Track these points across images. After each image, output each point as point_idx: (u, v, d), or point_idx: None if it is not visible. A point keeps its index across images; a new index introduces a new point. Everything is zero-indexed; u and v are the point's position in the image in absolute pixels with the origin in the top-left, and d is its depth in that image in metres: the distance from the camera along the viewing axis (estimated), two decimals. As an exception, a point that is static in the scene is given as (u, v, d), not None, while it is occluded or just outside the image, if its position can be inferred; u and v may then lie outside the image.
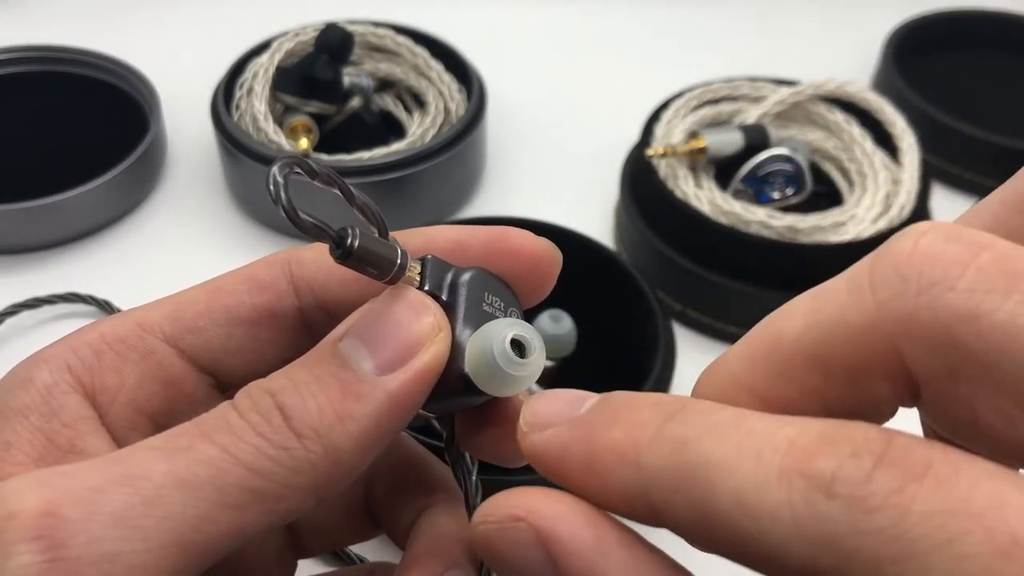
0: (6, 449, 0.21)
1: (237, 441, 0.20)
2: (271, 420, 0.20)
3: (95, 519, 0.18)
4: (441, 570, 0.24)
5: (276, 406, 0.20)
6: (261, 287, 0.25)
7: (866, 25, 0.68)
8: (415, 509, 0.26)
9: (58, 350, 0.23)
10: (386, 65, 0.57)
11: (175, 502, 0.19)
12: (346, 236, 0.20)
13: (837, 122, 0.52)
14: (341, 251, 0.20)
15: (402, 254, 0.21)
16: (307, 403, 0.20)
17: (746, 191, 0.49)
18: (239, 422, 0.20)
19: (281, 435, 0.20)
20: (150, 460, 0.19)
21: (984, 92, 0.63)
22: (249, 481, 0.20)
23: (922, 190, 0.49)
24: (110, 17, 0.68)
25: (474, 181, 0.56)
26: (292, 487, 0.20)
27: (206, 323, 0.24)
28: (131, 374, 0.24)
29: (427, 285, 0.22)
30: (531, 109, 0.62)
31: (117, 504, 0.19)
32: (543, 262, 0.24)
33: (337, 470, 0.20)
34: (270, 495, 0.20)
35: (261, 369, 0.23)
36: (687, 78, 0.56)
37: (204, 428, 0.20)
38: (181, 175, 0.56)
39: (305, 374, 0.21)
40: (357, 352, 0.21)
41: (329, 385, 0.21)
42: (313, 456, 0.20)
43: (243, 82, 0.54)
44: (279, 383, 0.21)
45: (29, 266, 0.50)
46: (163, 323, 0.24)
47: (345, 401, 0.20)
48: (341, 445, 0.20)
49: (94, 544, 0.18)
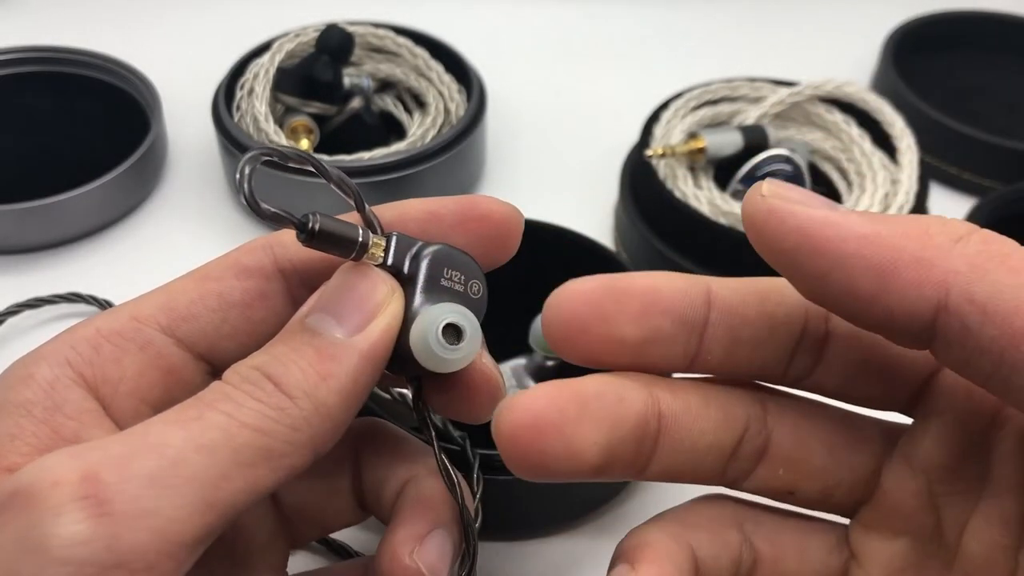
0: (10, 441, 0.22)
1: (239, 407, 0.22)
2: (263, 387, 0.22)
3: (131, 480, 0.20)
4: (426, 528, 0.26)
5: (264, 376, 0.22)
6: (248, 271, 0.26)
7: (865, 25, 0.68)
8: (398, 482, 0.28)
9: (55, 347, 0.24)
10: (386, 66, 0.57)
11: (197, 464, 0.21)
12: (307, 221, 0.22)
13: (836, 123, 0.52)
14: (305, 235, 0.22)
15: (363, 232, 0.23)
16: (291, 369, 0.22)
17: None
18: (235, 392, 0.22)
19: (276, 398, 0.22)
20: (167, 430, 0.21)
21: (984, 92, 0.64)
22: (257, 440, 0.21)
23: (921, 190, 0.49)
24: (111, 18, 0.68)
25: (474, 181, 0.56)
26: (293, 443, 0.22)
27: (200, 310, 0.25)
28: (131, 365, 0.24)
29: (390, 260, 0.24)
30: (531, 109, 0.62)
31: (149, 467, 0.20)
32: (511, 223, 0.27)
33: (328, 424, 0.23)
34: (276, 452, 0.22)
35: (256, 350, 0.24)
36: (686, 78, 0.56)
37: (206, 401, 0.22)
38: (182, 175, 0.56)
39: (282, 347, 0.23)
40: (325, 322, 0.23)
41: (306, 352, 0.23)
42: (306, 412, 0.22)
43: (244, 83, 0.54)
44: (261, 359, 0.23)
45: (30, 266, 0.50)
46: (157, 314, 0.25)
47: (324, 363, 0.23)
48: (328, 401, 0.22)
49: (135, 501, 0.20)
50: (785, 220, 0.21)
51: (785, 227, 0.21)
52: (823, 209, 0.21)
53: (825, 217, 0.20)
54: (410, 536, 0.26)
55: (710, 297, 0.23)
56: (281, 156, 0.22)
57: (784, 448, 0.24)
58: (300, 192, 0.49)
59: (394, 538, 0.26)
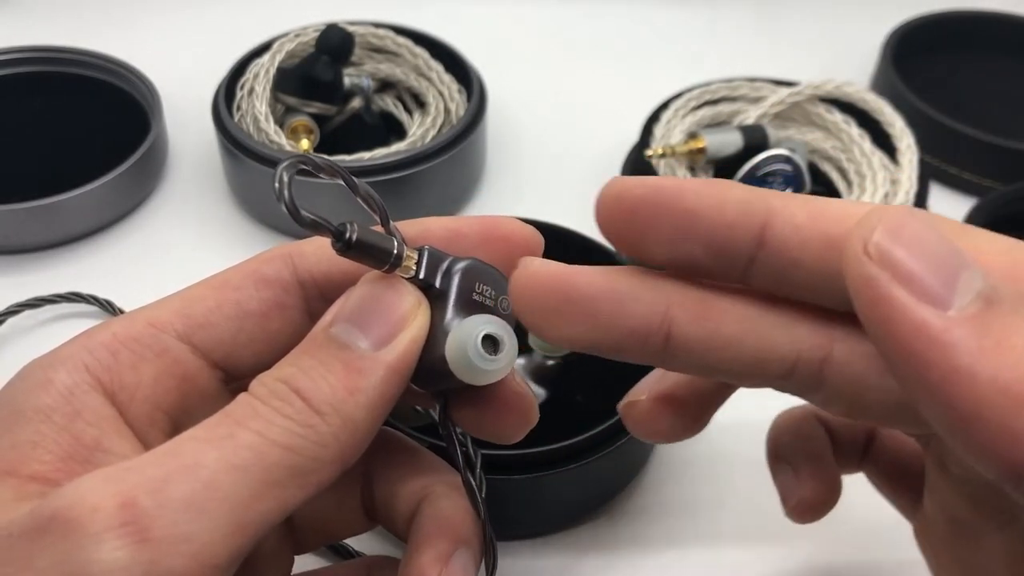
0: (32, 449, 0.22)
1: (269, 425, 0.22)
2: (292, 403, 0.22)
3: (168, 504, 0.20)
4: (451, 549, 0.26)
5: (293, 390, 0.22)
6: (266, 281, 0.26)
7: (865, 25, 0.68)
8: (412, 497, 0.27)
9: (72, 351, 0.24)
10: (386, 66, 0.57)
11: (230, 485, 0.21)
12: (345, 230, 0.22)
13: (836, 122, 0.52)
14: (341, 244, 0.22)
15: (399, 244, 0.23)
16: (319, 384, 0.22)
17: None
18: (264, 408, 0.22)
19: (304, 414, 0.22)
20: (200, 450, 0.21)
21: (983, 93, 0.64)
22: (287, 459, 0.21)
23: (920, 190, 0.49)
24: (111, 17, 0.68)
25: (474, 181, 0.56)
26: (321, 460, 0.22)
27: (217, 318, 0.25)
28: (148, 372, 0.24)
29: (422, 274, 0.24)
30: (531, 109, 0.62)
31: (183, 490, 0.20)
32: (531, 245, 0.26)
33: (356, 439, 0.22)
34: (304, 469, 0.22)
35: (271, 361, 0.24)
36: (687, 78, 0.56)
37: (236, 417, 0.22)
38: (182, 175, 0.56)
39: (309, 360, 0.23)
40: (351, 334, 0.23)
41: (334, 366, 0.23)
42: (335, 428, 0.22)
43: (244, 83, 0.54)
44: (287, 371, 0.23)
45: (30, 266, 0.50)
46: (174, 320, 0.25)
47: (351, 376, 0.22)
48: (356, 416, 0.22)
49: (172, 527, 0.20)
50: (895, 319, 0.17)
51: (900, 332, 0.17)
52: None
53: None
54: (435, 558, 0.26)
55: (764, 233, 0.20)
56: (314, 166, 0.22)
57: None
58: (301, 192, 0.49)
59: (420, 561, 0.26)
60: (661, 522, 0.39)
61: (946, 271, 0.17)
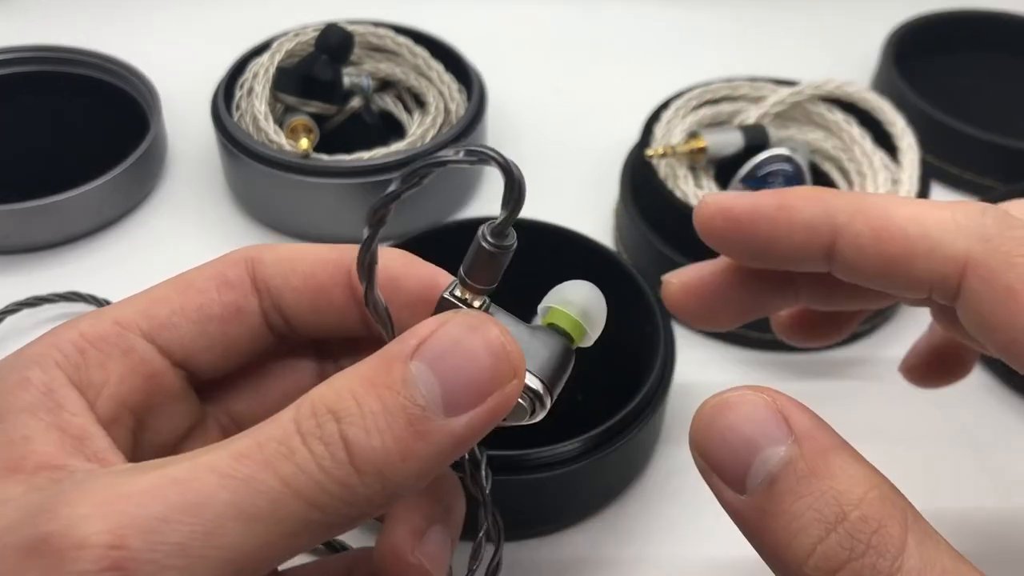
0: (27, 443, 0.22)
1: (299, 474, 0.20)
2: (335, 454, 0.20)
3: (160, 549, 0.19)
4: (425, 525, 0.26)
5: (340, 437, 0.20)
6: (229, 284, 0.26)
7: (866, 25, 0.68)
8: None
9: (42, 350, 0.24)
10: (386, 65, 0.57)
11: (236, 534, 0.19)
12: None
13: (837, 122, 0.52)
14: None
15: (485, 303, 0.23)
16: (372, 440, 0.20)
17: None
18: (302, 450, 0.20)
19: (343, 471, 0.20)
20: (211, 486, 0.19)
21: (984, 92, 0.64)
22: (308, 513, 0.20)
23: (921, 190, 0.49)
24: (110, 17, 0.68)
25: (474, 181, 0.56)
26: (344, 517, 0.20)
27: (180, 320, 0.25)
28: (115, 370, 0.24)
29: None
30: (531, 109, 0.62)
31: (181, 535, 0.19)
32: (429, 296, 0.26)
33: (389, 502, 0.21)
34: (324, 524, 0.20)
35: (231, 362, 0.25)
36: (687, 78, 0.56)
37: (266, 454, 0.20)
38: (181, 175, 0.56)
39: (373, 402, 0.20)
40: (428, 384, 0.20)
41: (397, 421, 0.20)
42: (370, 492, 0.20)
43: (243, 82, 0.54)
44: (345, 405, 0.20)
45: (29, 266, 0.50)
46: (139, 319, 0.25)
47: (409, 440, 0.20)
48: (399, 482, 0.20)
49: (159, 573, 0.19)
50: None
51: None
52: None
53: None
54: (410, 532, 0.26)
55: (832, 251, 0.25)
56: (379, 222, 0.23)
57: None
58: (301, 192, 0.49)
59: (394, 535, 0.26)
60: (661, 522, 0.39)
61: (742, 461, 0.21)
